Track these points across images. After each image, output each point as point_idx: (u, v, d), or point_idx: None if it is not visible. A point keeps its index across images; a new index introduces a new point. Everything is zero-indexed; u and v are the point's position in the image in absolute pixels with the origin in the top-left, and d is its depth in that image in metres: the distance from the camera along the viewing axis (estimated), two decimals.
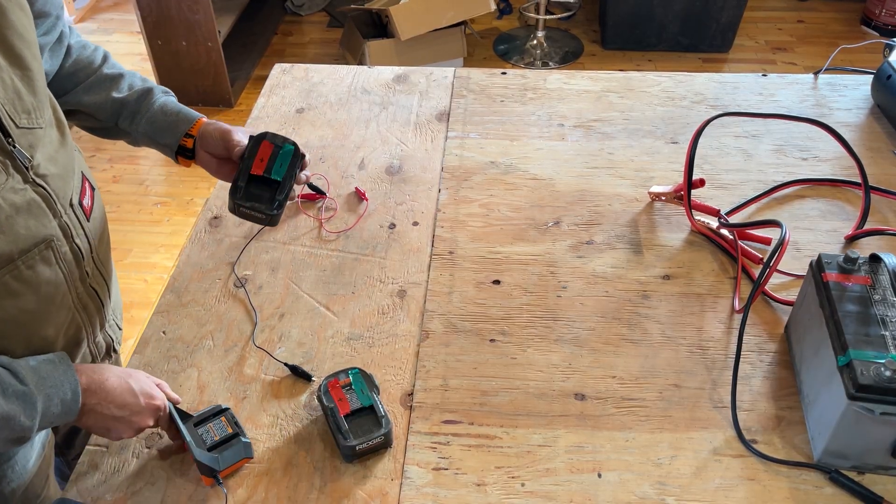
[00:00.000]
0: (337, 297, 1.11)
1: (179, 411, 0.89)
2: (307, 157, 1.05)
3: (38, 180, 0.80)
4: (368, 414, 0.91)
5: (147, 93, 1.05)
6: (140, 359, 1.02)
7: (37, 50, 0.82)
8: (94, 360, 0.98)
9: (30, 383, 0.76)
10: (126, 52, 3.58)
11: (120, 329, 1.07)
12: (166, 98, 1.06)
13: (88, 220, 0.91)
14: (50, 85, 0.98)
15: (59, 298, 0.85)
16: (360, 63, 3.17)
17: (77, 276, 0.88)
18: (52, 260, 0.83)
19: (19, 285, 0.79)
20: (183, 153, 1.05)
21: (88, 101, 1.02)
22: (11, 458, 0.92)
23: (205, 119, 1.06)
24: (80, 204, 0.89)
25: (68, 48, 1.01)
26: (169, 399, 0.90)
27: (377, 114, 1.47)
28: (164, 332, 1.06)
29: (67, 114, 1.01)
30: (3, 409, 0.73)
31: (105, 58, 1.05)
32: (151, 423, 0.87)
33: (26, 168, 0.78)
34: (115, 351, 1.04)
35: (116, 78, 1.04)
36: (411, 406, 0.96)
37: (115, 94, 1.03)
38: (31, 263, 0.80)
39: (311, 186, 1.27)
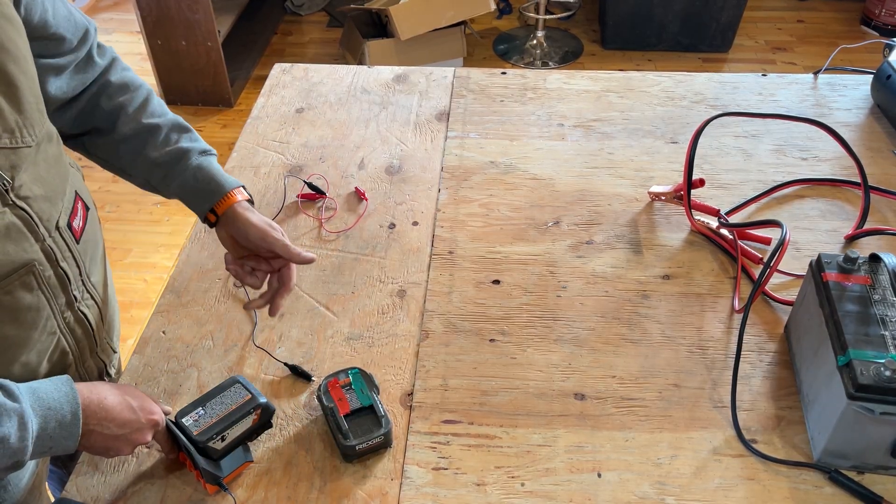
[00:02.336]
0: (337, 297, 1.11)
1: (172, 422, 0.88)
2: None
3: (19, 203, 0.75)
4: (368, 414, 0.91)
5: (183, 155, 0.96)
6: (140, 359, 1.02)
7: (28, 64, 0.77)
8: None
9: (24, 402, 0.72)
10: (126, 51, 3.58)
11: (115, 352, 1.03)
12: (201, 161, 0.97)
13: (78, 243, 0.87)
14: (82, 123, 0.93)
15: (41, 324, 0.82)
16: (360, 63, 3.17)
17: (63, 301, 0.85)
18: (33, 285, 0.79)
19: None
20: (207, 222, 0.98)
21: (123, 152, 0.96)
22: (4, 478, 0.89)
23: (238, 197, 0.96)
24: (70, 226, 0.85)
25: (107, 84, 0.95)
26: (164, 413, 0.88)
27: (377, 114, 1.47)
28: (163, 332, 1.06)
29: (100, 160, 0.96)
30: None
31: (144, 103, 0.97)
32: (150, 438, 0.85)
33: (5, 190, 0.74)
34: (108, 375, 1.00)
35: (153, 130, 0.96)
36: (411, 406, 0.96)
37: (150, 153, 0.95)
38: (9, 289, 0.76)
39: (311, 186, 1.27)
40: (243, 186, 0.98)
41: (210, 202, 0.95)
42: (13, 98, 0.74)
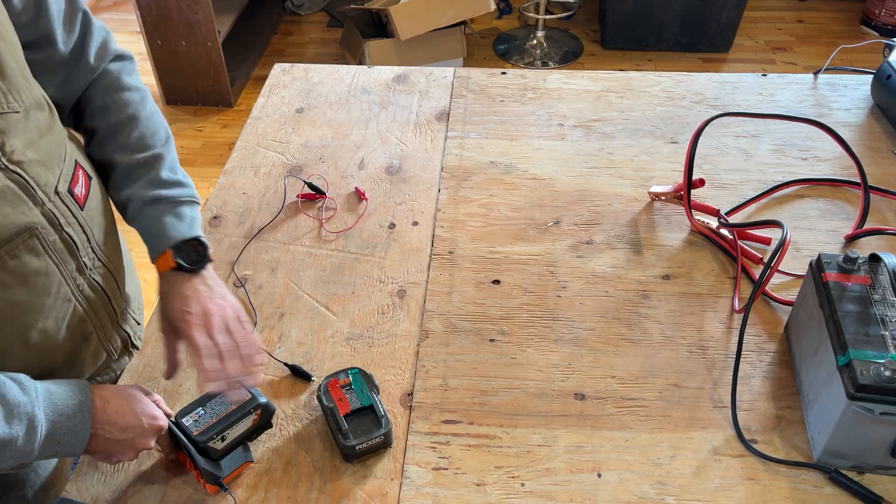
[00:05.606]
0: (337, 297, 1.11)
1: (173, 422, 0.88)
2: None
3: (12, 167, 0.76)
4: (368, 414, 0.91)
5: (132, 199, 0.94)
6: (140, 359, 1.02)
7: (8, 31, 0.77)
8: (108, 356, 0.95)
9: (37, 404, 0.73)
10: None
11: (139, 324, 1.04)
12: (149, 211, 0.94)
13: (82, 209, 0.87)
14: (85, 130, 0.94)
15: (53, 290, 0.82)
16: (360, 63, 3.17)
17: (73, 267, 0.85)
18: (39, 250, 0.79)
19: (5, 276, 0.76)
20: None
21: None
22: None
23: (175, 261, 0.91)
24: (71, 192, 0.85)
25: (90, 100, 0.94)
26: (164, 414, 0.88)
27: (377, 113, 1.47)
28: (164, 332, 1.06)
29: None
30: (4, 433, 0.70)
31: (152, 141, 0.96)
32: (153, 444, 0.85)
33: None
34: (133, 346, 1.01)
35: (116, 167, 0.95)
36: (411, 406, 0.96)
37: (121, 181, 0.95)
38: (14, 253, 0.77)
39: (311, 186, 1.27)
40: (199, 239, 0.94)
41: (151, 254, 0.92)
42: None
